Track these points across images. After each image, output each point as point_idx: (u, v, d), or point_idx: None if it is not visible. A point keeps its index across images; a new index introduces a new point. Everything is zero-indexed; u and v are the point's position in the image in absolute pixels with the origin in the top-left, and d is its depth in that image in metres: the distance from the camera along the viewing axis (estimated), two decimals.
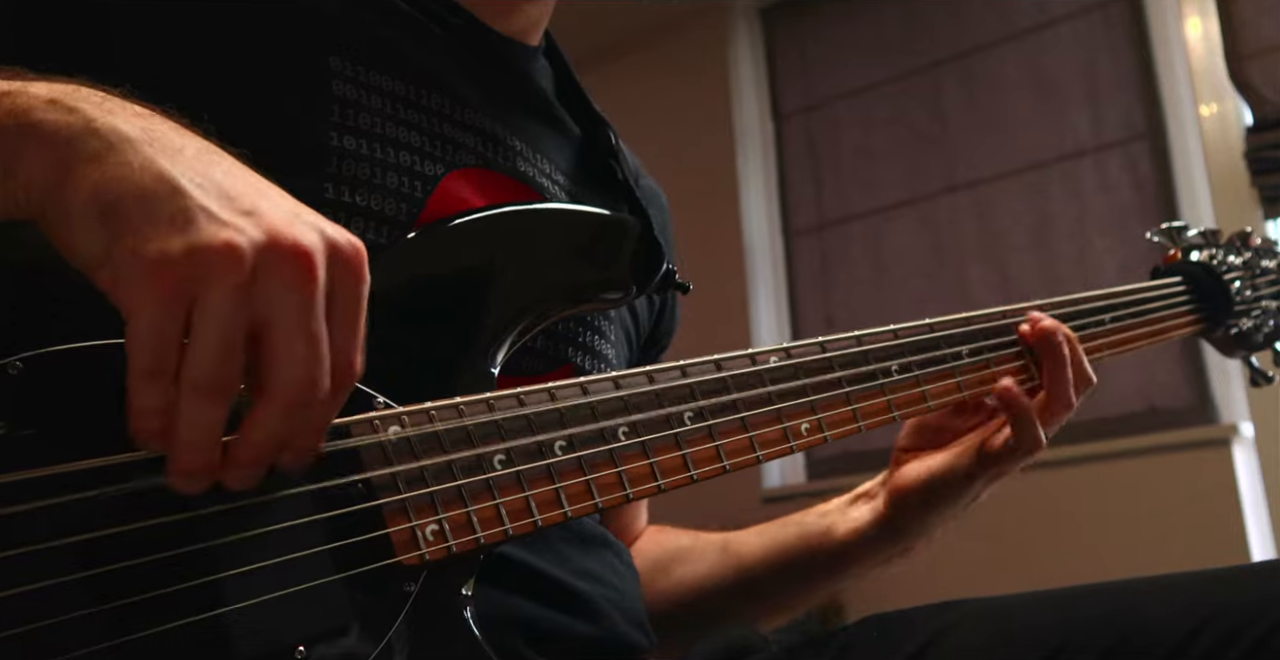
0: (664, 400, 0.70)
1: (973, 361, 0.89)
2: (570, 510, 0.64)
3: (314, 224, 0.51)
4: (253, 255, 0.47)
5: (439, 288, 0.69)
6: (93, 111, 0.52)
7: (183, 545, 0.52)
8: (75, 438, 0.51)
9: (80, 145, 0.50)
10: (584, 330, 0.83)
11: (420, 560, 0.58)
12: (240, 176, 0.52)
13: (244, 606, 0.52)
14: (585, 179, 0.90)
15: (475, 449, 0.62)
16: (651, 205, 0.94)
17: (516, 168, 0.82)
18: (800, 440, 0.76)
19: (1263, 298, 1.20)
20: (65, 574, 0.49)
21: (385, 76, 0.77)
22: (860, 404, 0.80)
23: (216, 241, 0.47)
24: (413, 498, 0.59)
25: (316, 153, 0.71)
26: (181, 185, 0.48)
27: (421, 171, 0.75)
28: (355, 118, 0.73)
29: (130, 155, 0.49)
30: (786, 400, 0.76)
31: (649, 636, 0.83)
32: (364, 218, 0.71)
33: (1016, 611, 0.76)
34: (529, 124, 0.87)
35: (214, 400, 0.48)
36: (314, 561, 0.55)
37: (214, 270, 0.47)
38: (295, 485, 0.56)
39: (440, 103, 0.79)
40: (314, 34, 0.75)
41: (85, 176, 0.49)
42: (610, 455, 0.67)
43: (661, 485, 0.69)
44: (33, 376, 0.51)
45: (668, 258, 0.79)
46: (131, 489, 0.51)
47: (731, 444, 0.73)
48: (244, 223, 0.48)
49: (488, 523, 0.61)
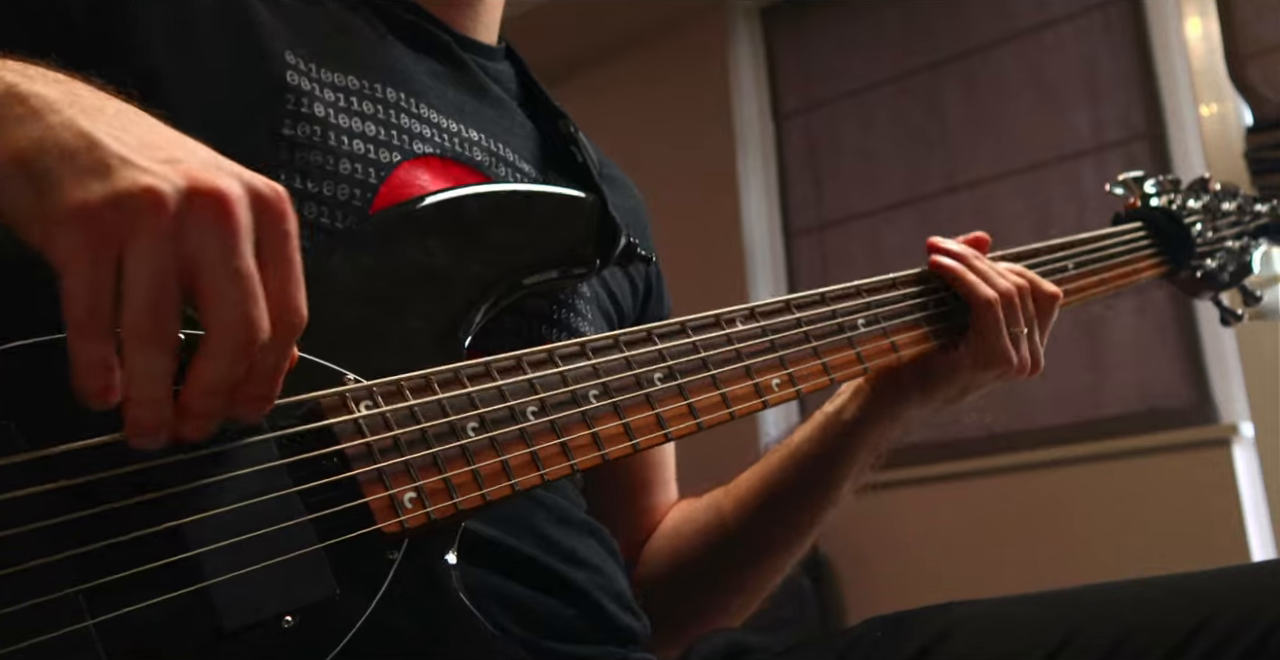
0: (633, 363, 0.72)
1: (903, 320, 0.90)
2: (546, 472, 0.65)
3: (233, 171, 0.52)
4: (175, 199, 0.48)
5: (403, 268, 0.70)
6: (13, 78, 0.53)
7: (165, 521, 0.52)
8: (51, 427, 0.51)
9: (4, 110, 0.51)
10: (558, 308, 0.85)
11: (400, 527, 0.59)
12: (160, 131, 0.53)
13: (229, 578, 0.53)
14: (547, 167, 0.91)
15: (448, 417, 0.63)
16: (616, 191, 0.95)
17: (474, 157, 0.84)
18: (772, 395, 0.77)
19: (1225, 238, 1.23)
20: (49, 554, 0.49)
21: (337, 73, 0.79)
22: (829, 357, 0.82)
23: (137, 187, 0.48)
24: (388, 466, 0.60)
25: (270, 140, 0.73)
26: (99, 138, 0.50)
27: (376, 159, 0.77)
28: (310, 106, 0.75)
29: (51, 117, 0.51)
30: (755, 357, 0.78)
31: (641, 621, 0.84)
32: (317, 203, 0.73)
33: (1018, 612, 0.76)
34: (486, 115, 0.89)
35: (157, 348, 0.49)
36: (296, 533, 0.56)
37: (137, 215, 0.48)
38: (271, 459, 0.56)
39: (396, 96, 0.81)
40: (270, 28, 0.77)
41: (9, 139, 0.50)
42: (583, 417, 0.68)
43: (637, 444, 0.70)
44: (7, 369, 0.52)
45: (627, 232, 0.81)
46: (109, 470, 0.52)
47: (702, 402, 0.73)
48: (164, 169, 0.49)
49: (464, 488, 0.62)
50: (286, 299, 0.52)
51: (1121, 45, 3.21)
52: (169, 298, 0.48)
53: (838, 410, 0.98)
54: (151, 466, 0.53)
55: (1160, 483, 2.79)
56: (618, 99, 3.77)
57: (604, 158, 1.02)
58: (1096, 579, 0.79)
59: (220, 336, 0.50)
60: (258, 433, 0.57)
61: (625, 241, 0.80)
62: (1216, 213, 1.24)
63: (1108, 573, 0.82)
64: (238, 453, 0.56)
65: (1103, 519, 2.82)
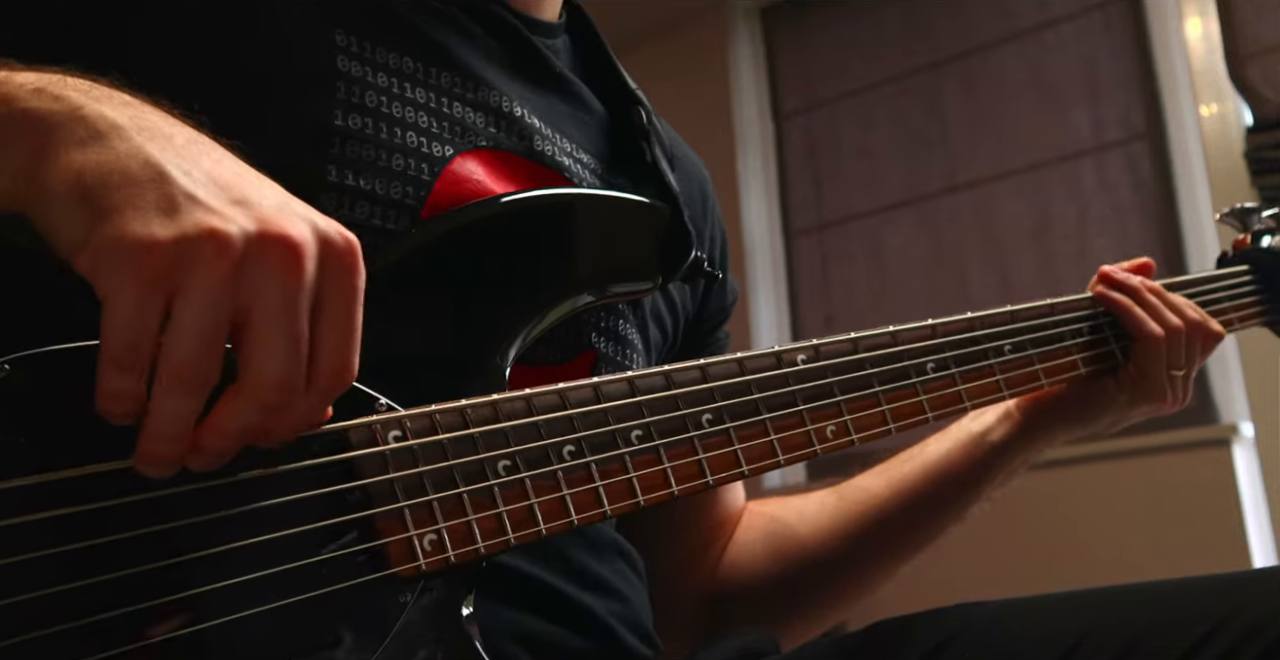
0: (681, 402, 0.67)
1: (1014, 358, 0.85)
2: (577, 519, 0.61)
3: (305, 215, 0.49)
4: (241, 245, 0.46)
5: (450, 280, 0.66)
6: (79, 99, 0.50)
7: (172, 556, 0.50)
8: (64, 443, 0.49)
9: (66, 131, 0.49)
10: (606, 315, 0.80)
11: (416, 571, 0.56)
12: (229, 166, 0.50)
13: (236, 619, 0.50)
14: (612, 158, 0.85)
15: (479, 454, 0.59)
16: (688, 182, 0.90)
17: (533, 147, 0.79)
18: (826, 444, 0.72)
19: None
20: (52, 585, 0.47)
21: (393, 53, 0.73)
22: (891, 405, 0.76)
23: (204, 228, 0.45)
24: (411, 506, 0.56)
25: (320, 133, 0.68)
26: (168, 171, 0.47)
27: (429, 153, 0.72)
28: (361, 95, 0.70)
29: (117, 142, 0.48)
30: (813, 401, 0.72)
31: (655, 647, 0.82)
32: (369, 202, 0.68)
33: (1027, 615, 0.76)
34: (547, 101, 0.83)
35: (190, 392, 0.46)
36: (308, 572, 0.53)
37: (200, 258, 0.45)
38: (290, 493, 0.54)
39: (450, 81, 0.76)
40: (319, 8, 0.72)
41: (70, 161, 0.47)
42: (623, 460, 0.63)
43: (676, 491, 0.65)
44: (20, 380, 0.49)
45: (698, 246, 0.76)
46: (117, 499, 0.49)
47: (751, 449, 0.69)
48: (233, 211, 0.47)
49: (489, 533, 0.58)
50: (339, 358, 0.49)
51: (1121, 45, 3.20)
52: (216, 345, 0.46)
53: (984, 431, 0.96)
54: (162, 495, 0.50)
55: (1160, 483, 2.78)
56: None
57: (674, 135, 0.97)
58: (1097, 579, 0.79)
59: (254, 388, 0.47)
60: (277, 462, 0.53)
61: (694, 257, 0.76)
62: None
63: (1108, 573, 0.82)
64: (255, 483, 0.53)
65: (1103, 519, 2.81)
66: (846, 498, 0.99)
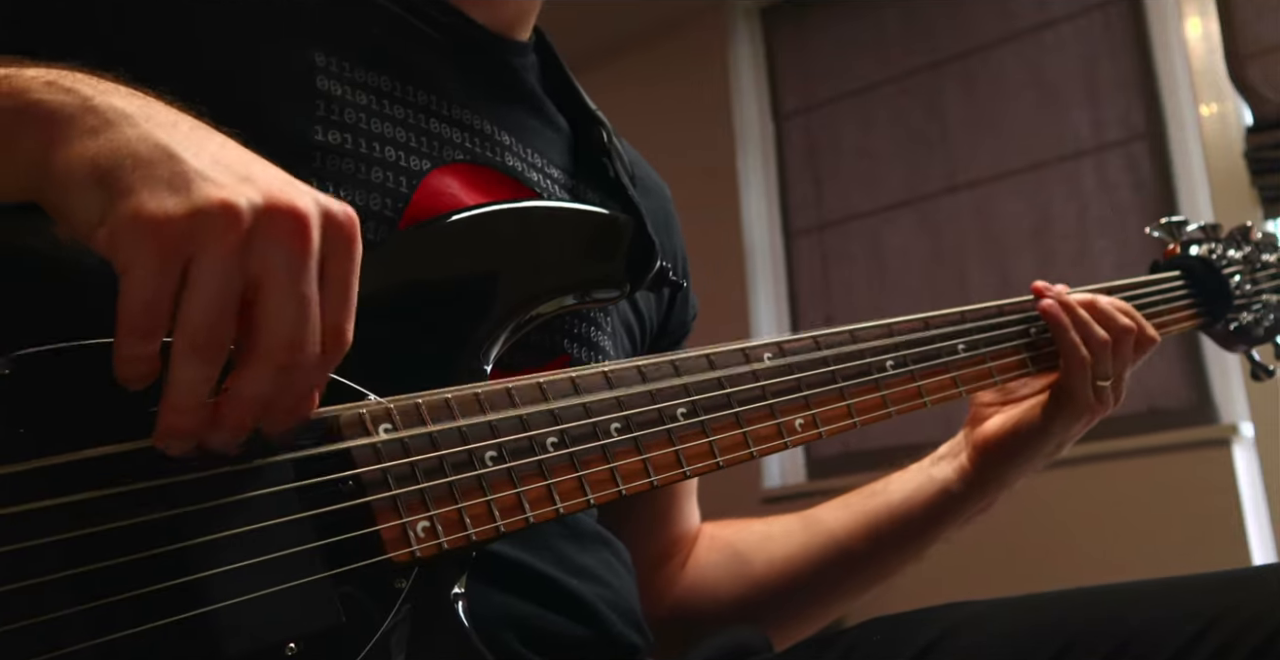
0: (657, 397, 0.71)
1: (968, 356, 0.90)
2: (562, 507, 0.64)
3: (308, 191, 0.52)
4: (250, 216, 0.48)
5: (430, 287, 0.69)
6: (89, 91, 0.53)
7: (171, 543, 0.52)
8: (66, 439, 0.51)
9: (79, 122, 0.51)
10: (579, 321, 0.83)
11: (411, 557, 0.58)
12: (234, 149, 0.53)
13: (233, 604, 0.52)
14: (580, 173, 0.90)
15: (467, 445, 0.62)
16: (649, 199, 0.93)
17: (505, 162, 0.82)
18: (794, 436, 0.77)
19: (1263, 292, 1.20)
20: (52, 572, 0.48)
21: (370, 73, 0.77)
22: (855, 399, 0.81)
23: (215, 201, 0.48)
24: (403, 494, 0.59)
25: (300, 148, 0.71)
26: (178, 152, 0.50)
27: (406, 167, 0.76)
28: (340, 113, 0.74)
29: (127, 128, 0.51)
30: (780, 396, 0.77)
31: (646, 636, 0.83)
32: None
33: (1020, 614, 0.76)
34: (519, 119, 0.87)
35: (206, 360, 0.49)
36: (304, 559, 0.55)
37: (213, 229, 0.48)
38: (284, 482, 0.56)
39: (426, 99, 0.80)
40: (298, 30, 0.75)
41: (84, 148, 0.50)
42: (603, 451, 0.67)
43: (654, 481, 0.69)
44: (23, 377, 0.51)
45: (661, 255, 0.80)
46: (116, 486, 0.51)
47: (725, 440, 0.73)
48: (241, 186, 0.49)
49: (479, 519, 0.61)
50: (338, 322, 0.52)
51: (1121, 45, 3.21)
52: (230, 311, 0.49)
53: (944, 480, 1.00)
54: (162, 484, 0.52)
55: (1160, 483, 2.78)
56: (618, 99, 3.75)
57: (636, 157, 1.00)
58: (1096, 579, 0.79)
59: (268, 353, 0.50)
60: (273, 452, 0.56)
61: (659, 266, 0.79)
62: (1256, 264, 1.21)
63: (1107, 573, 0.82)
64: (252, 472, 0.55)
65: (1103, 519, 2.81)
66: (810, 528, 1.02)
